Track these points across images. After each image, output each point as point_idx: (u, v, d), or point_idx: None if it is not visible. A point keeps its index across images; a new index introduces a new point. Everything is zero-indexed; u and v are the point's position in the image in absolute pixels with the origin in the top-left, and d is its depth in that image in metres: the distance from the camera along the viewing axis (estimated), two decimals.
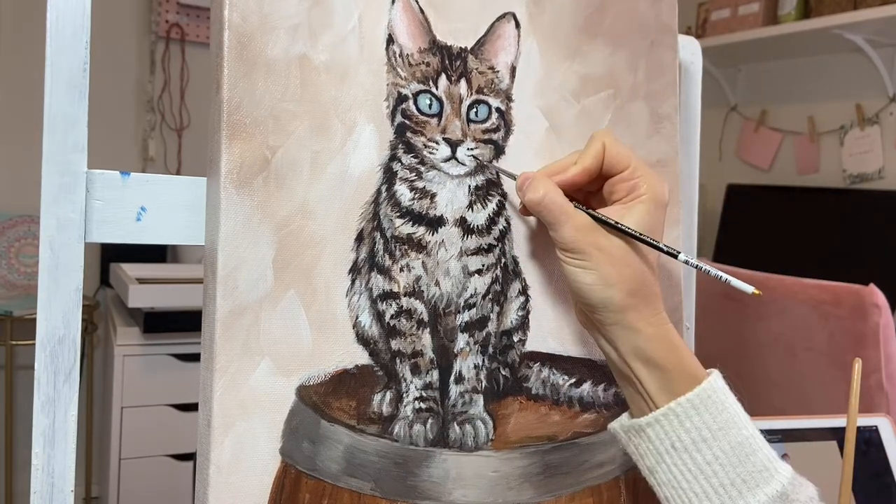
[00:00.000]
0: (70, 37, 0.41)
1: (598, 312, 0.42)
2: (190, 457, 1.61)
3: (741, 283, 0.41)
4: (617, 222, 0.42)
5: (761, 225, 2.15)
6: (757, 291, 0.40)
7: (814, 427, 0.65)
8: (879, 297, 1.21)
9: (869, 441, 0.65)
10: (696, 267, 0.43)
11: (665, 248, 0.42)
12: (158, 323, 1.76)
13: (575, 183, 0.44)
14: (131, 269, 1.86)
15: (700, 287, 0.69)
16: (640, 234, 0.42)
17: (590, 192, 0.46)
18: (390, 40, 0.45)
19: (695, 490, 0.40)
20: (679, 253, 0.42)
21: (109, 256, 2.10)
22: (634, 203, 0.43)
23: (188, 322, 1.74)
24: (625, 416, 0.44)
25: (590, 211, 0.43)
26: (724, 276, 0.41)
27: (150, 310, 1.75)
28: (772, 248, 2.08)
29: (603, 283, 0.41)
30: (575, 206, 0.42)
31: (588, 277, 0.41)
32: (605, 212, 0.43)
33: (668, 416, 0.41)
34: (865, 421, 0.65)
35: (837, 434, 0.64)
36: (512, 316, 0.48)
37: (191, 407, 1.69)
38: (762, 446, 0.40)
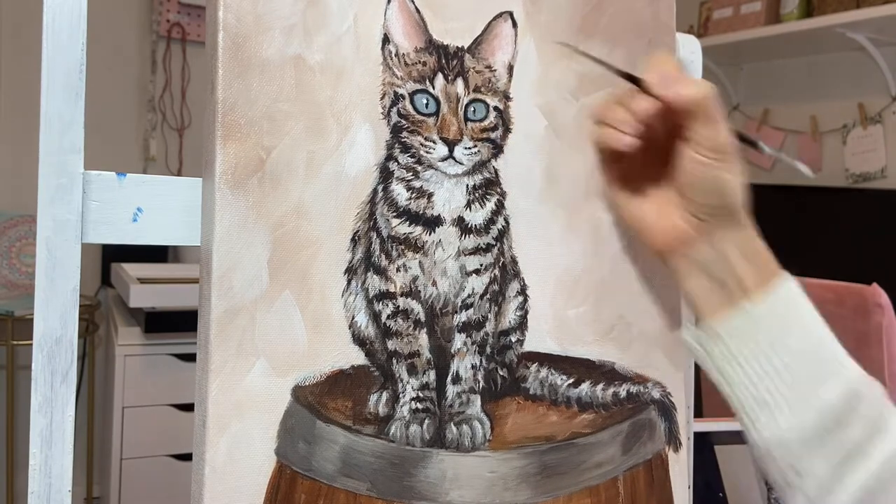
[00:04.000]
0: (66, 38, 0.41)
1: (723, 212, 0.43)
2: (191, 457, 1.61)
3: (801, 164, 0.45)
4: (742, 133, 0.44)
5: (763, 224, 2.13)
6: (812, 174, 0.45)
7: None
8: (882, 297, 1.20)
9: None
10: (773, 153, 0.46)
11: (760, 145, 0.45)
12: (159, 323, 1.76)
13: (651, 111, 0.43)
14: (132, 269, 1.87)
15: None
16: (751, 137, 0.44)
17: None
18: (386, 40, 0.45)
19: (769, 388, 0.41)
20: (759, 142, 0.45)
21: (110, 256, 2.11)
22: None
23: (189, 322, 1.74)
24: (693, 325, 0.45)
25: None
26: (782, 154, 0.45)
27: (151, 310, 1.76)
28: (774, 248, 2.07)
29: (740, 184, 0.43)
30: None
31: (730, 176, 0.43)
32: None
33: (744, 317, 0.42)
34: None
35: None
36: (510, 316, 0.48)
37: (192, 407, 1.69)
38: (832, 345, 0.42)
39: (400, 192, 0.45)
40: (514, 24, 0.48)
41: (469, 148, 0.46)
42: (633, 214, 0.47)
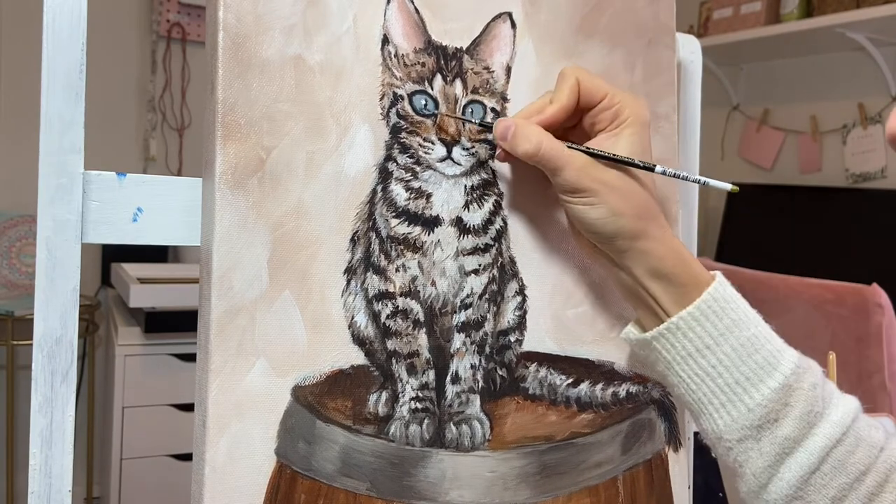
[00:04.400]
0: (66, 38, 0.41)
1: (612, 242, 0.44)
2: (191, 457, 1.61)
3: (718, 182, 0.44)
4: (613, 154, 0.43)
5: (764, 224, 2.14)
6: (734, 188, 0.43)
7: None
8: (882, 297, 1.21)
9: None
10: (675, 175, 0.44)
11: (670, 172, 0.44)
12: (159, 323, 1.76)
13: (554, 122, 0.45)
14: (132, 269, 1.87)
15: None
16: (638, 161, 0.43)
17: (567, 127, 0.47)
18: (385, 40, 0.45)
19: (703, 390, 0.43)
20: (655, 166, 0.44)
21: (110, 256, 2.11)
22: (621, 129, 0.44)
23: (189, 322, 1.74)
24: (632, 330, 0.47)
25: (584, 148, 0.44)
26: (703, 178, 0.44)
27: (151, 309, 1.76)
28: (774, 248, 2.07)
29: (613, 215, 0.43)
30: (568, 147, 0.43)
31: (596, 212, 0.43)
32: (593, 143, 0.44)
33: (671, 329, 0.43)
34: None
35: None
36: (509, 316, 0.48)
37: (192, 407, 1.69)
38: (766, 343, 0.43)
39: (399, 192, 0.45)
40: (513, 25, 0.48)
41: (467, 149, 0.46)
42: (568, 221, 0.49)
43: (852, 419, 0.42)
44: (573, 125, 0.47)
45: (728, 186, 0.43)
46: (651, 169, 0.44)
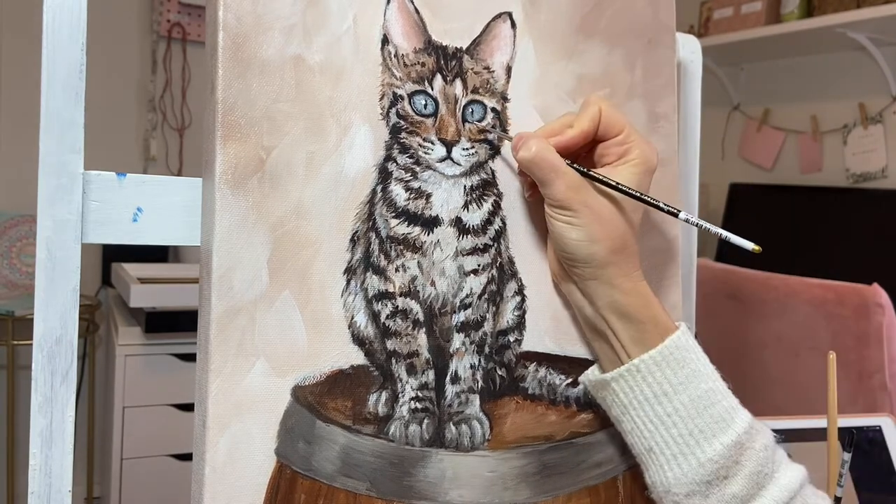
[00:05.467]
0: (66, 38, 0.41)
1: (580, 267, 0.44)
2: (191, 457, 1.61)
3: (741, 240, 0.42)
4: (617, 182, 0.43)
5: (764, 224, 2.14)
6: (757, 248, 0.42)
7: (816, 427, 0.65)
8: (883, 297, 1.20)
9: (872, 441, 0.65)
10: (696, 225, 0.44)
11: (665, 207, 0.43)
12: (160, 323, 1.76)
13: (571, 145, 0.45)
14: (133, 269, 1.87)
15: (702, 287, 0.69)
16: (640, 193, 0.44)
17: (580, 155, 0.47)
18: (385, 40, 0.45)
19: (656, 439, 0.43)
20: (680, 211, 0.43)
21: (111, 256, 2.11)
22: (626, 166, 0.45)
23: (189, 322, 1.74)
24: (593, 371, 0.47)
25: (583, 169, 0.44)
26: (725, 233, 0.43)
27: (151, 309, 1.76)
28: (775, 248, 2.07)
29: (589, 240, 0.43)
30: (567, 164, 0.44)
31: (575, 233, 0.43)
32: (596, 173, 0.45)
33: (631, 371, 0.43)
34: (868, 421, 0.65)
35: (840, 434, 0.64)
36: (508, 316, 0.48)
37: (192, 407, 1.69)
38: (721, 399, 0.43)
39: (398, 192, 0.45)
40: (513, 25, 0.48)
41: (467, 149, 0.46)
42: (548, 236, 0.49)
43: (800, 485, 0.42)
44: (585, 154, 0.47)
45: (750, 246, 0.41)
46: (675, 214, 0.43)
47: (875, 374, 1.22)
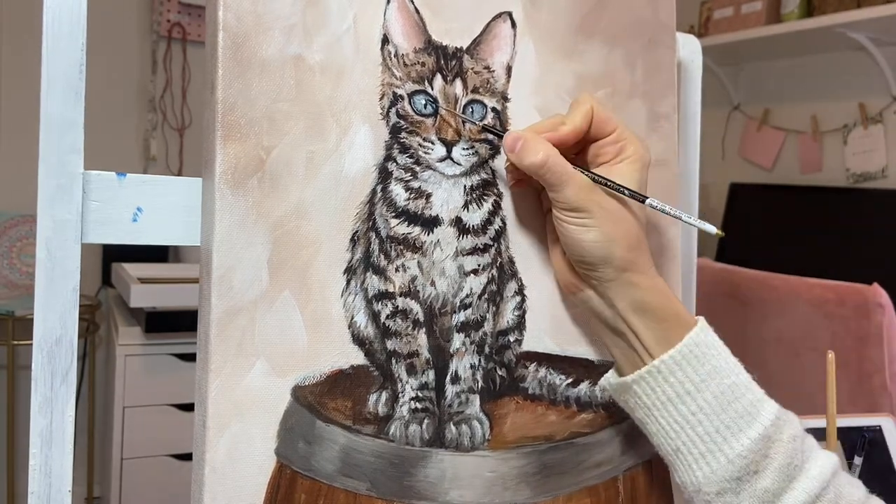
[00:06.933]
0: (66, 38, 0.41)
1: (599, 269, 0.43)
2: (191, 457, 1.62)
3: (702, 222, 0.43)
4: (619, 184, 0.43)
5: (764, 224, 2.14)
6: (720, 232, 0.43)
7: (817, 427, 0.65)
8: (883, 297, 1.20)
9: (872, 441, 0.64)
10: (662, 210, 0.44)
11: (627, 192, 0.44)
12: (160, 323, 1.76)
13: (565, 142, 0.44)
14: (133, 269, 1.87)
15: (702, 287, 0.68)
16: (633, 191, 0.44)
17: (571, 155, 0.46)
18: (385, 40, 0.45)
19: (682, 439, 0.42)
20: (647, 198, 0.44)
21: (111, 256, 2.11)
22: (624, 163, 0.45)
23: (190, 322, 1.74)
24: (612, 375, 0.46)
25: (587, 171, 0.44)
26: (686, 216, 0.43)
27: (151, 309, 1.76)
28: (775, 248, 2.07)
29: (606, 240, 0.43)
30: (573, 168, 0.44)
31: (591, 235, 0.43)
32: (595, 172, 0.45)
33: (651, 372, 0.43)
34: (868, 421, 0.65)
35: (841, 434, 0.64)
36: (508, 316, 0.48)
37: (192, 407, 1.70)
38: (746, 392, 0.42)
39: (398, 192, 0.45)
40: (514, 25, 0.48)
41: (467, 149, 0.46)
42: (551, 247, 0.49)
43: (832, 474, 0.42)
44: (577, 153, 0.47)
45: (713, 230, 0.43)
46: (641, 200, 0.44)
47: (875, 374, 1.22)
